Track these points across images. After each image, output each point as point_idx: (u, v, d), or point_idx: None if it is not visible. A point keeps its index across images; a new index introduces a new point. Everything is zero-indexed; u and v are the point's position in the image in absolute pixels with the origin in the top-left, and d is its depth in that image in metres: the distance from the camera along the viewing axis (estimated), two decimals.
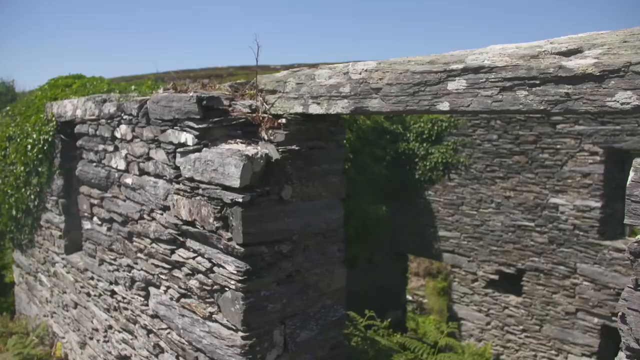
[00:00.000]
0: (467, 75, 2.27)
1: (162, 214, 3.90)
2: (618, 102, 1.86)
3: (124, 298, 4.75)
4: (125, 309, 4.75)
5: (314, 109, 3.04)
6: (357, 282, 9.94)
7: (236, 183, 3.07)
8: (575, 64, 1.97)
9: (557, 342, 8.79)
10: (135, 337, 4.63)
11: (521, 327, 9.27)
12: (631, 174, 1.66)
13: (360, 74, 2.76)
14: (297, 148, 3.29)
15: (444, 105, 2.36)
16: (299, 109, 3.15)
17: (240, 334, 3.23)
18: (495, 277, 9.52)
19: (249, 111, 3.44)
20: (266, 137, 3.33)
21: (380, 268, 10.70)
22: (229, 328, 3.33)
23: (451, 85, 2.33)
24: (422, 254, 11.06)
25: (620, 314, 1.72)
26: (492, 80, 2.19)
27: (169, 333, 4.02)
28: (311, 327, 3.58)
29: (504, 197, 9.18)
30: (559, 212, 8.56)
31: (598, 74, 1.90)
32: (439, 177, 10.00)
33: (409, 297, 14.67)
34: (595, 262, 8.15)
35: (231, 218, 3.18)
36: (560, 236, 8.57)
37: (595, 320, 8.26)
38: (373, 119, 9.66)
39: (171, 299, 3.91)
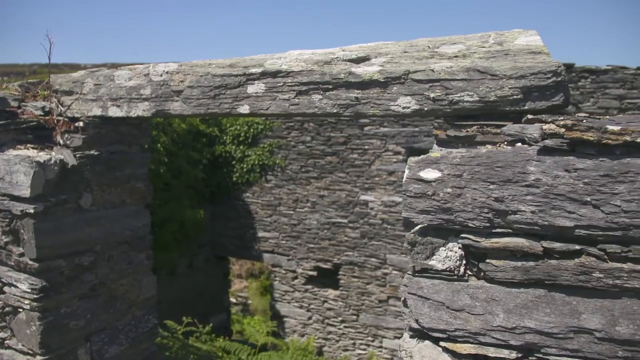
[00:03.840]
0: (266, 79, 2.32)
1: None
2: (400, 106, 2.03)
3: None
4: None
5: (114, 112, 2.89)
6: (178, 288, 9.67)
7: (26, 192, 2.79)
8: (363, 70, 2.11)
9: (373, 328, 9.41)
10: None
11: (340, 319, 9.75)
12: (406, 171, 1.82)
13: (161, 75, 2.67)
14: (96, 153, 3.10)
15: (245, 109, 2.38)
16: (97, 111, 2.96)
17: (39, 357, 2.95)
18: (314, 273, 9.89)
19: (42, 113, 3.15)
20: (62, 142, 3.08)
21: (201, 272, 10.54)
22: (25, 353, 3.02)
23: (251, 89, 2.36)
24: (243, 256, 11.11)
25: (402, 299, 1.88)
26: (290, 84, 2.26)
27: None
28: (121, 341, 3.39)
29: (319, 196, 9.58)
30: (369, 208, 9.16)
31: (383, 80, 2.05)
32: (256, 178, 10.12)
33: (233, 300, 14.65)
34: (402, 252, 8.87)
35: (22, 231, 2.89)
36: (371, 230, 9.19)
37: None
38: (188, 122, 9.47)
39: None
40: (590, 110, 7.82)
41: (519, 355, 1.72)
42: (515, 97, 1.81)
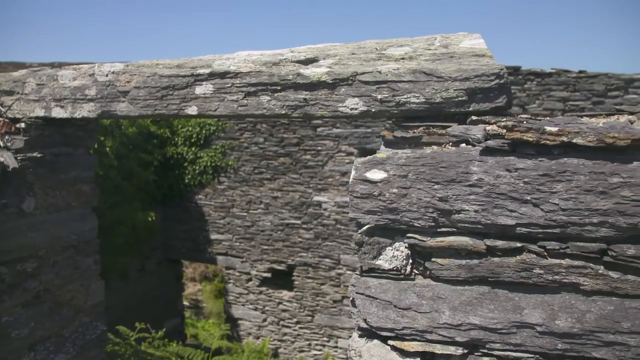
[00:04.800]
0: (214, 80, 2.29)
1: None
2: (348, 107, 2.05)
3: None
4: None
5: (58, 113, 2.80)
6: (130, 293, 9.48)
7: None
8: (311, 72, 2.11)
9: (328, 329, 9.44)
10: None
11: (295, 320, 9.74)
12: (353, 172, 1.84)
13: (107, 76, 2.61)
14: (39, 155, 3.00)
15: (193, 110, 2.35)
16: (40, 112, 2.86)
17: None
18: (268, 274, 9.86)
19: None
20: (2, 144, 2.97)
21: (154, 276, 10.35)
22: None
23: (199, 90, 2.33)
24: (196, 259, 10.97)
25: (351, 298, 1.89)
26: (238, 85, 2.25)
27: None
28: (67, 350, 3.29)
29: (272, 197, 9.56)
30: (323, 209, 9.19)
31: (331, 81, 2.06)
32: (209, 180, 10.01)
33: (187, 303, 14.46)
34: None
35: None
36: (325, 231, 9.22)
37: None
38: (139, 123, 9.29)
39: None
40: (536, 111, 8.06)
41: (465, 351, 1.76)
42: (460, 98, 1.85)
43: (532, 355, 1.69)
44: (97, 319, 3.52)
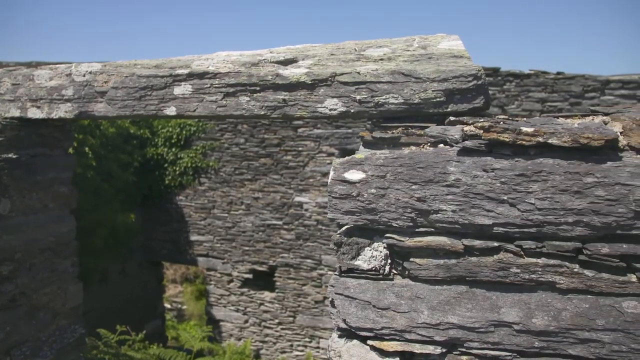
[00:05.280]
0: (193, 80, 2.28)
1: None
2: (327, 108, 2.05)
3: None
4: None
5: (34, 113, 2.76)
6: (110, 296, 9.40)
7: None
8: (290, 72, 2.11)
9: (310, 329, 9.45)
10: None
11: (277, 321, 9.73)
12: (331, 172, 1.84)
13: (84, 76, 2.58)
14: (15, 156, 2.95)
15: (171, 110, 2.34)
16: (16, 112, 2.82)
17: None
18: (250, 276, 9.83)
19: None
20: None
21: (134, 279, 10.27)
22: None
23: (177, 90, 2.32)
24: (177, 260, 10.91)
25: (330, 299, 1.90)
26: (217, 85, 2.24)
27: None
28: (45, 354, 3.24)
29: (253, 198, 9.53)
30: (304, 210, 9.19)
31: (310, 82, 2.06)
32: (190, 181, 9.96)
33: (168, 306, 14.36)
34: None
35: None
36: (306, 232, 9.22)
37: None
38: (118, 124, 9.21)
39: None
40: (515, 112, 8.15)
41: (444, 350, 1.77)
42: (438, 99, 1.86)
43: (510, 354, 1.71)
44: (75, 322, 3.48)
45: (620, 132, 1.58)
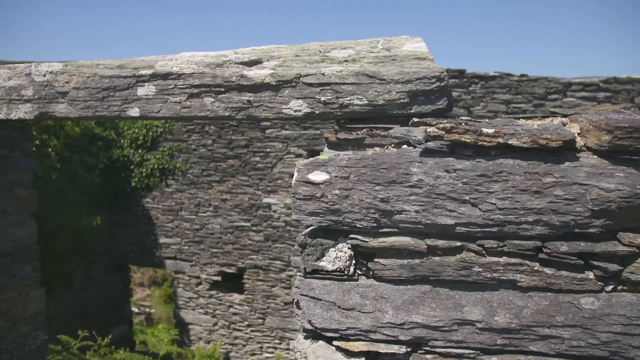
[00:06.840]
0: (157, 81, 2.26)
1: None
2: (292, 109, 2.05)
3: None
4: None
5: None
6: (75, 301, 9.21)
7: None
8: (255, 73, 2.10)
9: (279, 331, 9.41)
10: None
11: (246, 323, 9.67)
12: (295, 174, 1.84)
13: (44, 76, 2.53)
14: None
15: (135, 111, 2.30)
16: None
17: None
18: (218, 278, 9.75)
19: None
20: None
21: (99, 283, 10.08)
22: None
23: (141, 91, 2.28)
24: (144, 263, 10.75)
25: (295, 300, 1.89)
26: (181, 86, 2.22)
27: None
28: None
29: (221, 200, 9.46)
30: (272, 211, 9.16)
31: (275, 83, 2.06)
32: (156, 183, 9.82)
33: (135, 309, 14.13)
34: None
35: None
36: (275, 233, 9.19)
37: None
38: (83, 125, 9.02)
39: None
40: (481, 113, 8.26)
41: (408, 349, 1.78)
42: (402, 101, 1.88)
43: (473, 351, 1.74)
44: (37, 329, 3.40)
45: (578, 133, 1.62)
